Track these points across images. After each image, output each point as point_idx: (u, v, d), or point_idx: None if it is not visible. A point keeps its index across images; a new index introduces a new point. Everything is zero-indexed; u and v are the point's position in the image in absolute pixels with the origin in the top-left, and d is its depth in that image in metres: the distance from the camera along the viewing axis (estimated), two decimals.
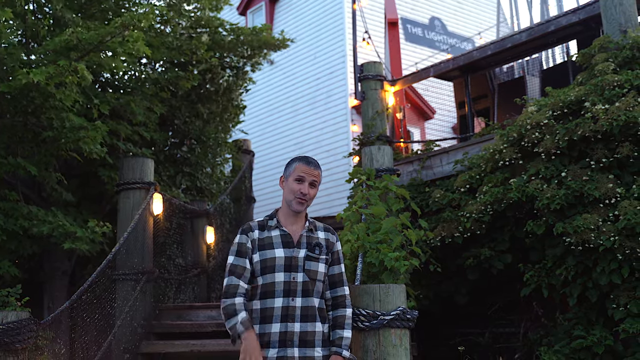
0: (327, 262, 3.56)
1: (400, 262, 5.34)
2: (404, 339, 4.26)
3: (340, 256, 3.67)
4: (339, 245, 3.67)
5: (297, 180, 3.51)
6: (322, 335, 3.47)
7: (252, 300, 3.50)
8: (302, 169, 3.53)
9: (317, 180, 3.54)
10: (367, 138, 8.90)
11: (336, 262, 3.63)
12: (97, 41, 6.74)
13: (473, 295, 7.75)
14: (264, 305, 3.44)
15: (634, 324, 5.78)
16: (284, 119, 16.28)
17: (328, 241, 3.60)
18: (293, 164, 3.58)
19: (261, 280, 3.46)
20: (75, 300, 5.66)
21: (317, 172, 3.54)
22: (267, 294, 3.44)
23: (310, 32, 15.94)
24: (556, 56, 12.09)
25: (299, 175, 3.52)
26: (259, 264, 3.47)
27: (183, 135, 10.06)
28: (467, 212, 7.08)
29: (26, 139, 7.15)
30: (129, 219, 6.98)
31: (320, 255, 3.51)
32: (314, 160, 3.61)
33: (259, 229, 3.56)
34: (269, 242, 3.51)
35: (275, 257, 3.46)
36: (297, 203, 3.50)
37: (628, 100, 6.16)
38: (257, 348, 3.29)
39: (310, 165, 3.54)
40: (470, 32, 17.52)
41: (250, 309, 3.47)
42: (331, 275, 3.61)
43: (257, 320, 3.45)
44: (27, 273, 7.79)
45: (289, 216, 3.56)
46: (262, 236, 3.54)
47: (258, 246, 3.51)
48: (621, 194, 6.05)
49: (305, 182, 3.51)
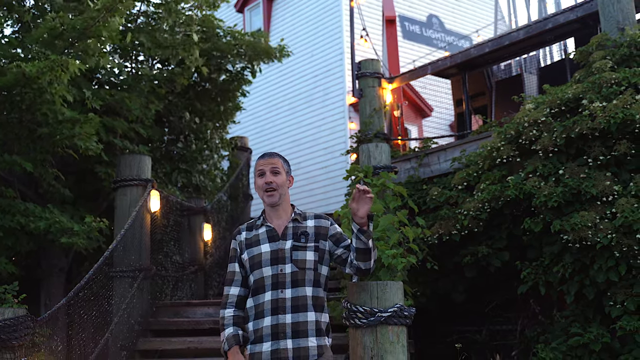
0: (317, 249, 3.53)
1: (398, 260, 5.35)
2: (401, 336, 4.25)
3: (344, 235, 3.63)
4: (338, 228, 3.64)
5: (260, 175, 3.60)
6: (316, 325, 3.45)
7: (248, 297, 3.56)
8: (260, 163, 3.63)
9: (277, 166, 3.59)
10: (364, 135, 8.89)
11: (343, 239, 3.60)
12: (83, 27, 6.72)
13: (470, 293, 7.76)
14: (256, 302, 3.48)
15: (631, 322, 5.79)
16: (281, 117, 16.27)
17: (320, 227, 3.59)
18: (254, 167, 3.68)
19: (252, 277, 3.52)
20: (72, 297, 5.65)
21: (275, 160, 3.61)
22: (258, 289, 3.49)
23: (307, 29, 15.92)
24: (554, 54, 12.09)
25: (259, 169, 3.61)
26: (248, 262, 3.54)
27: (180, 132, 10.05)
28: (465, 210, 7.07)
29: (22, 136, 7.14)
30: (126, 216, 6.97)
31: (308, 244, 3.51)
32: (270, 152, 3.69)
33: (246, 230, 3.65)
34: (256, 240, 3.57)
35: (261, 252, 3.51)
36: (267, 196, 3.56)
37: (625, 98, 6.16)
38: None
39: (265, 157, 3.64)
40: (468, 29, 17.52)
41: (245, 307, 3.55)
42: (346, 246, 3.55)
43: (252, 317, 3.49)
44: (24, 270, 7.78)
45: (272, 213, 3.61)
46: (249, 236, 3.61)
47: (246, 245, 3.58)
48: (618, 191, 6.06)
49: (265, 173, 3.57)
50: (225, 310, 3.54)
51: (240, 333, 3.48)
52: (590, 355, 6.18)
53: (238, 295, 3.55)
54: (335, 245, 3.58)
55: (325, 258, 3.57)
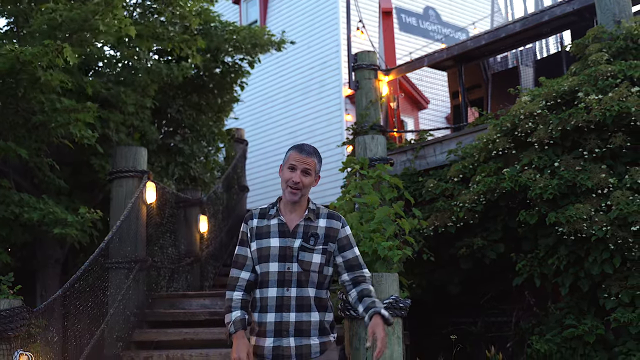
0: (325, 252, 3.44)
1: (394, 251, 5.36)
2: (396, 327, 4.27)
3: (350, 241, 3.55)
4: (348, 230, 3.55)
5: (290, 169, 3.45)
6: (319, 325, 3.41)
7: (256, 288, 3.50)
8: (295, 157, 3.46)
9: (310, 168, 3.45)
10: (360, 127, 8.89)
11: (347, 247, 3.51)
12: (82, 19, 6.69)
13: (466, 285, 7.78)
14: (262, 295, 3.43)
15: (625, 314, 5.82)
16: (277, 108, 16.25)
17: (331, 229, 3.49)
18: (288, 153, 3.52)
19: (259, 269, 3.45)
20: (68, 289, 5.65)
21: (311, 160, 3.46)
22: (263, 283, 3.43)
23: (304, 20, 15.89)
24: (550, 46, 12.09)
25: (291, 163, 3.45)
26: (256, 252, 3.45)
27: (177, 125, 10.03)
28: (460, 202, 7.09)
29: (17, 125, 7.11)
30: (121, 208, 6.96)
31: (316, 246, 3.42)
32: (309, 147, 3.52)
33: (258, 217, 3.53)
34: (266, 231, 3.47)
35: (270, 246, 3.42)
36: (289, 193, 3.44)
37: (621, 91, 6.16)
38: (245, 350, 3.30)
39: (302, 153, 3.46)
40: (465, 22, 17.49)
41: (252, 297, 3.48)
42: (346, 260, 3.50)
43: (257, 309, 3.44)
44: (20, 261, 7.77)
45: (287, 205, 3.51)
46: (260, 224, 3.50)
47: (256, 234, 3.48)
48: (614, 184, 6.07)
49: (297, 170, 3.43)
50: (234, 293, 3.43)
51: (247, 317, 3.42)
52: (584, 347, 6.21)
53: (248, 280, 3.45)
54: (338, 251, 3.50)
55: (331, 260, 3.50)
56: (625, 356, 5.83)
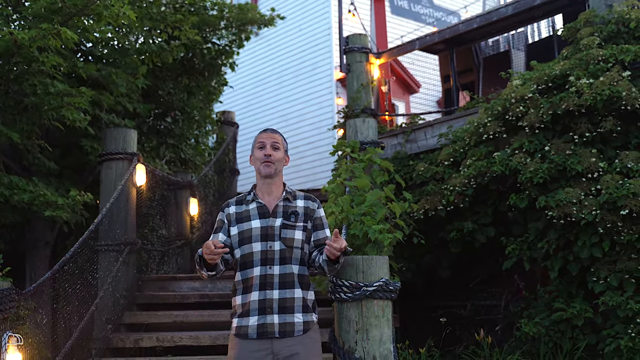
0: (305, 229, 3.61)
1: (384, 235, 5.37)
2: (386, 310, 4.28)
3: (324, 222, 3.75)
4: (322, 212, 3.74)
5: (260, 148, 3.65)
6: (302, 302, 3.53)
7: (235, 272, 3.59)
8: (261, 136, 3.70)
9: (278, 143, 3.67)
10: (351, 111, 8.87)
11: (320, 227, 3.71)
12: (82, 5, 6.63)
13: (455, 268, 7.81)
14: (244, 276, 3.53)
15: (613, 297, 5.86)
16: (268, 92, 16.20)
17: (308, 209, 3.67)
18: (255, 139, 3.74)
19: (239, 252, 3.56)
20: (58, 271, 5.63)
21: (276, 136, 3.69)
22: (246, 264, 3.53)
23: (295, 2, 15.80)
24: (542, 30, 12.06)
25: (259, 142, 3.68)
26: (237, 236, 3.58)
27: (167, 107, 9.97)
28: (451, 186, 7.09)
29: (8, 107, 7.04)
30: (111, 190, 6.93)
31: (297, 223, 3.59)
32: (272, 128, 3.77)
33: (236, 204, 3.69)
34: (246, 215, 3.61)
35: (251, 227, 3.56)
36: (264, 166, 3.61)
37: (612, 75, 6.17)
38: (211, 242, 3.32)
39: (267, 132, 3.71)
40: (456, 5, 17.44)
41: (234, 281, 3.59)
42: (316, 240, 3.68)
43: (240, 291, 3.55)
44: (9, 244, 7.74)
45: (264, 187, 3.66)
46: (239, 210, 3.65)
47: (235, 219, 3.62)
48: (604, 168, 6.09)
49: (266, 145, 3.64)
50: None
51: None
52: (572, 330, 6.26)
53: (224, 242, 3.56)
54: (312, 229, 3.68)
55: (310, 237, 3.67)
56: (613, 339, 5.88)
